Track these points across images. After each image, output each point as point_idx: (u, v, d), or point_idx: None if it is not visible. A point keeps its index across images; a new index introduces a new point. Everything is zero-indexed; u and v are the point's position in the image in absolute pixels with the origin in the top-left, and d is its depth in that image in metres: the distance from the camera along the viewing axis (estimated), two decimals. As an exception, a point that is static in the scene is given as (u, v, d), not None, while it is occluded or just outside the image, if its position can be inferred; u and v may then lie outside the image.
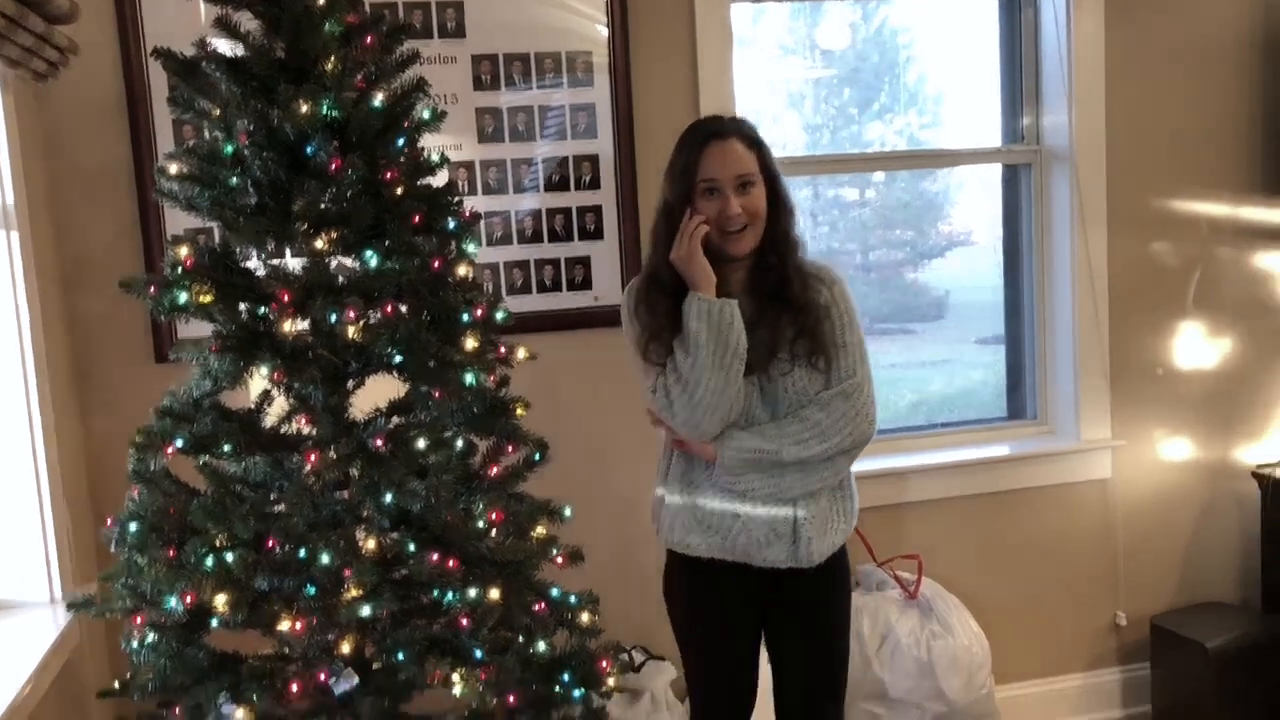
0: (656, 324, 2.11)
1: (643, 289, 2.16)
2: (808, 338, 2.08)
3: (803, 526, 2.10)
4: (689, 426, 2.08)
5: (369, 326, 1.92)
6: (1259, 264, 3.36)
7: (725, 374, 2.03)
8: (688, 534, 2.16)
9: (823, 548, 2.13)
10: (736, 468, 2.08)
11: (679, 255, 2.07)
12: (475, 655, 1.98)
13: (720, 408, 2.05)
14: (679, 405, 2.06)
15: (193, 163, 1.97)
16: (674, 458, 2.20)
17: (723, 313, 2.03)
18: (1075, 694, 3.38)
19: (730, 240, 2.07)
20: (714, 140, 2.07)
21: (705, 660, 2.28)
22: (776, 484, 2.08)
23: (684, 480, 2.18)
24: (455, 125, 2.75)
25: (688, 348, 2.04)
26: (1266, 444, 3.41)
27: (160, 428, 1.94)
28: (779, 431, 2.07)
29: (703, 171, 2.05)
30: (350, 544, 1.92)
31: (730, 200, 2.05)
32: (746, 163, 2.07)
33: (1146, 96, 3.23)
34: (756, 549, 2.12)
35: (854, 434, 2.09)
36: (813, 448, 2.06)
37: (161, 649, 1.92)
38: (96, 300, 2.63)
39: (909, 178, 3.49)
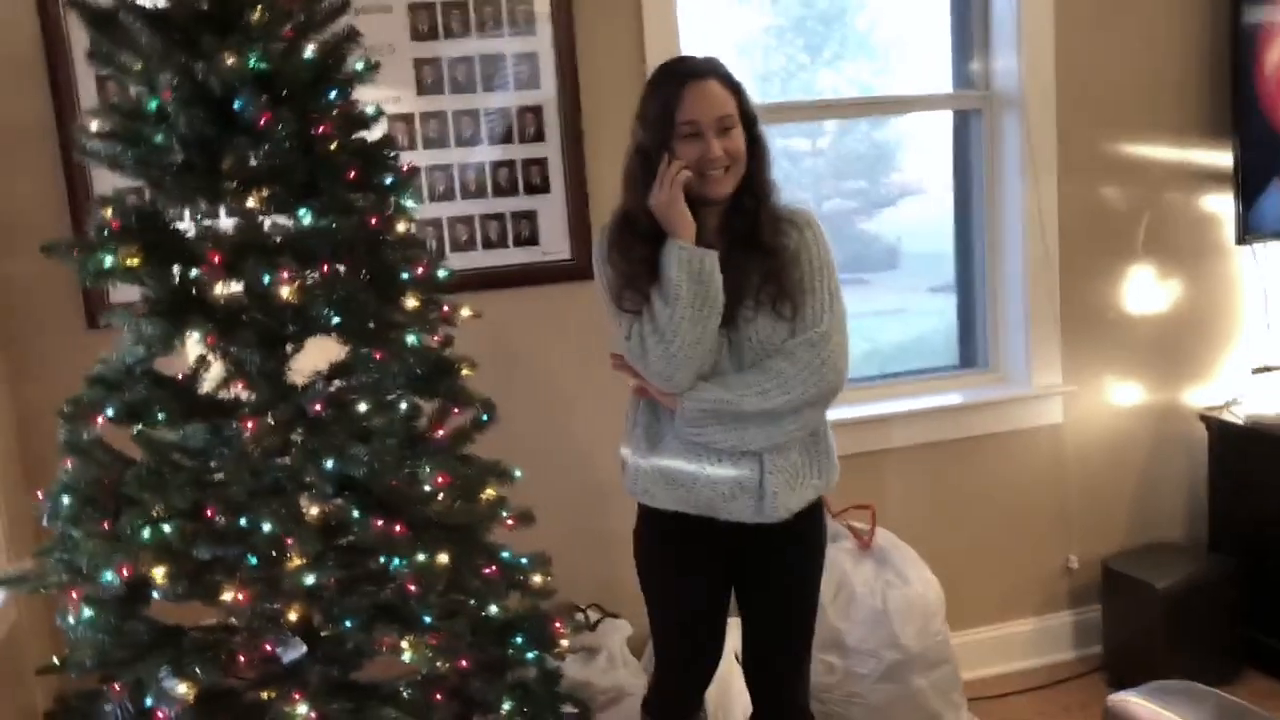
0: (632, 270, 2.04)
1: (616, 233, 2.09)
2: (773, 284, 2.02)
3: (768, 481, 2.04)
4: (662, 377, 2.02)
5: (305, 287, 1.86)
6: (1207, 207, 3.37)
7: (703, 326, 1.98)
8: (652, 485, 2.12)
9: (790, 502, 2.07)
10: (697, 419, 2.03)
11: (659, 201, 2.00)
12: (424, 621, 1.95)
13: (695, 360, 2.00)
14: (654, 356, 2.01)
15: (115, 120, 1.89)
16: (640, 411, 2.15)
17: (704, 263, 1.98)
18: (1028, 638, 3.43)
19: (709, 183, 2.01)
20: (693, 81, 1.99)
21: (669, 613, 2.26)
22: (739, 436, 2.02)
23: (649, 436, 2.13)
24: (393, 77, 2.67)
25: (667, 298, 1.98)
26: (1213, 387, 3.45)
27: (89, 396, 1.87)
28: (741, 382, 2.02)
29: (682, 114, 1.98)
30: (292, 512, 1.88)
31: (712, 143, 1.98)
32: (726, 104, 2.00)
33: (1096, 40, 3.20)
34: (721, 502, 2.07)
35: (820, 385, 2.02)
36: (774, 399, 2.00)
37: (100, 624, 1.87)
38: (23, 264, 2.54)
39: (861, 127, 3.45)
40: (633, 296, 2.04)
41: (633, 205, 2.06)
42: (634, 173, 2.06)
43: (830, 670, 2.90)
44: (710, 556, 2.18)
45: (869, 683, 2.87)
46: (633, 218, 2.06)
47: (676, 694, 2.34)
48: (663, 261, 2.00)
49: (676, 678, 2.33)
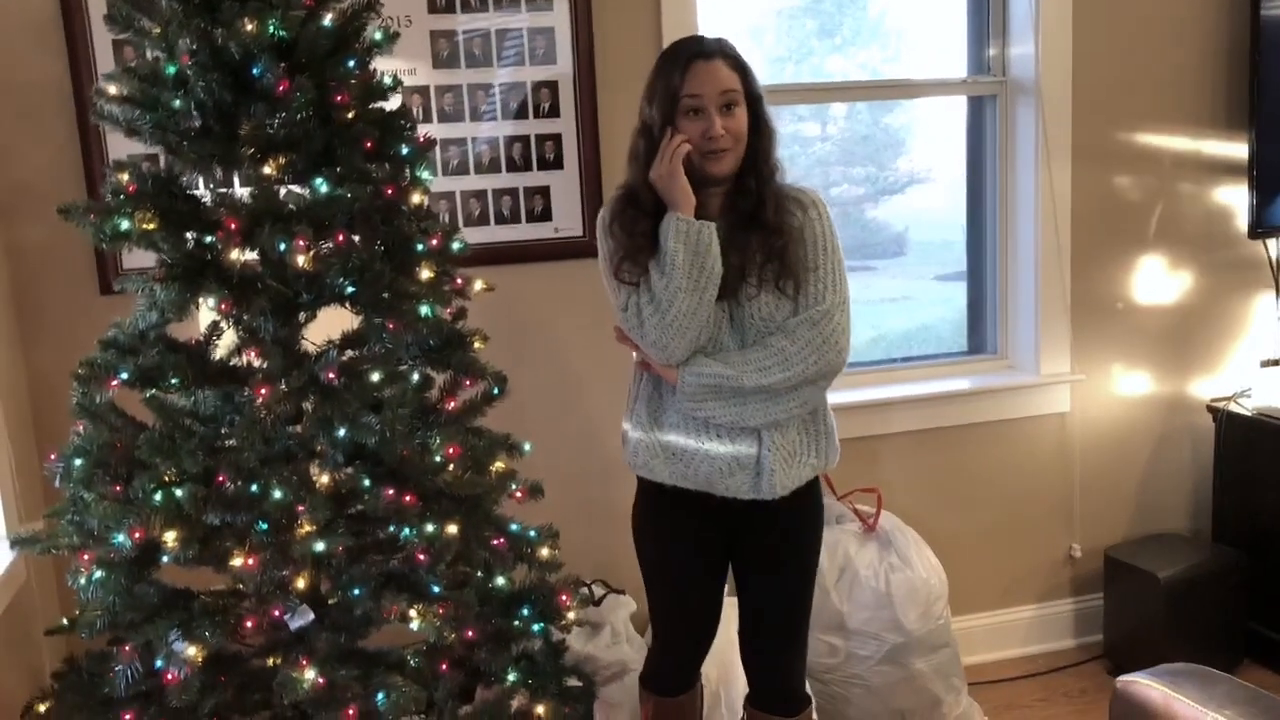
0: (633, 243, 2.06)
1: (619, 207, 2.11)
2: (776, 261, 2.03)
3: (766, 458, 2.06)
4: (658, 348, 2.04)
5: (320, 256, 1.86)
6: (1219, 199, 3.36)
7: (699, 296, 2.00)
8: (651, 459, 2.14)
9: (787, 480, 2.09)
10: (697, 394, 2.04)
11: (659, 174, 2.02)
12: (433, 590, 1.96)
13: (691, 330, 2.01)
14: (650, 325, 2.02)
15: (133, 84, 1.88)
16: (641, 384, 2.17)
17: (700, 234, 1.99)
18: (1029, 625, 3.44)
19: (711, 161, 2.03)
20: (699, 60, 2.01)
21: (667, 587, 2.28)
22: (739, 412, 2.04)
23: (650, 411, 2.15)
24: (409, 49, 2.67)
25: (663, 268, 2.00)
26: (1222, 378, 3.45)
27: (104, 360, 1.88)
28: (742, 358, 2.03)
29: (686, 90, 2.00)
30: (303, 479, 1.89)
31: (714, 120, 2.00)
32: (730, 82, 2.02)
33: (1114, 28, 3.19)
34: (719, 478, 2.09)
35: (820, 363, 2.03)
36: (774, 375, 2.01)
37: (110, 586, 1.88)
38: (37, 228, 2.54)
39: (870, 112, 3.44)
40: (631, 269, 2.06)
41: (636, 180, 2.08)
42: (638, 149, 2.08)
43: (832, 652, 2.91)
44: (707, 531, 2.20)
45: (870, 665, 2.88)
46: (635, 193, 2.08)
47: (673, 667, 2.36)
48: (661, 233, 2.02)
49: (673, 651, 2.35)
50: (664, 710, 2.36)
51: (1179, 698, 1.49)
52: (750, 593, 2.26)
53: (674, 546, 2.23)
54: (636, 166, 2.08)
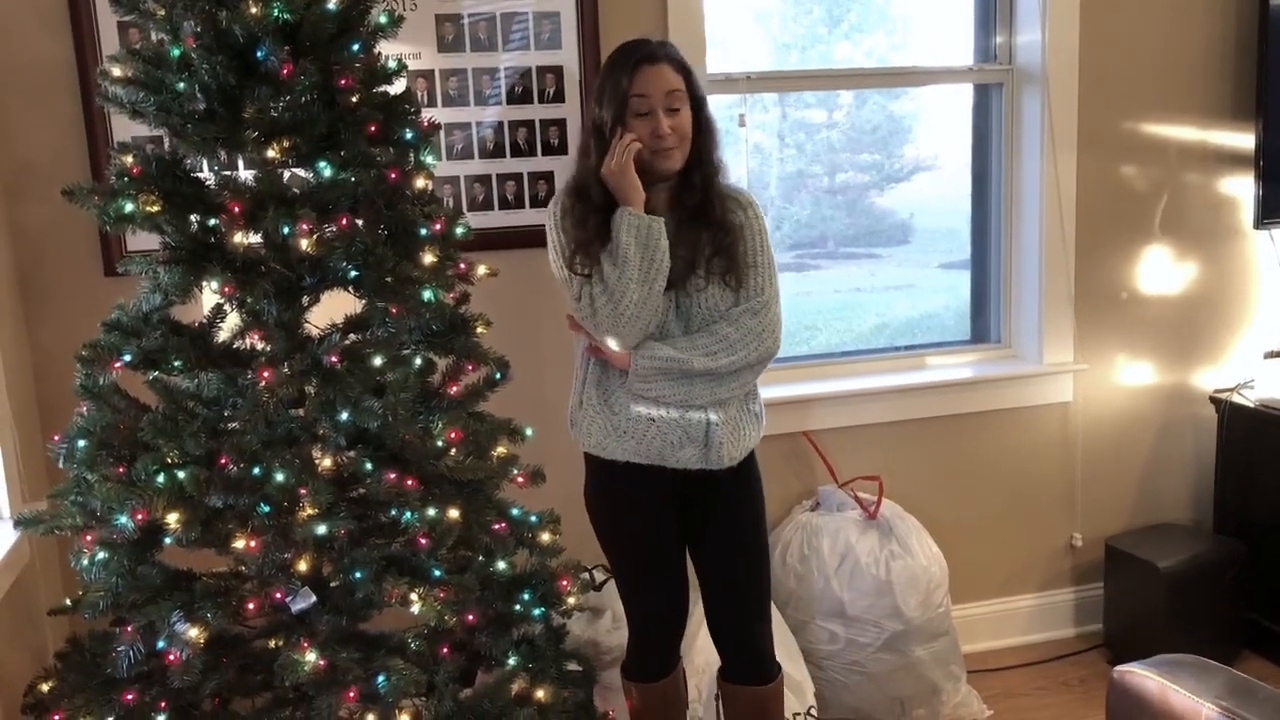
0: (585, 236, 2.16)
1: (569, 202, 2.20)
2: (723, 256, 2.17)
3: (715, 431, 2.18)
4: (613, 335, 2.15)
5: (323, 240, 1.86)
6: (1225, 189, 3.35)
7: (649, 287, 2.11)
8: (604, 438, 2.23)
9: (734, 451, 2.21)
10: (648, 375, 2.15)
11: (610, 170, 2.12)
12: (434, 574, 1.96)
13: (642, 319, 2.12)
14: (603, 315, 2.12)
15: (137, 66, 1.88)
16: (590, 366, 2.26)
17: (651, 229, 2.11)
18: (1029, 614, 3.44)
19: (660, 158, 2.14)
20: (645, 64, 2.13)
21: (633, 562, 2.35)
22: (686, 392, 2.16)
23: (599, 388, 2.24)
24: (414, 33, 2.66)
25: (616, 260, 2.11)
26: (1225, 369, 3.44)
27: (107, 342, 1.88)
28: (690, 343, 2.16)
29: (634, 91, 2.12)
30: (306, 462, 1.89)
31: (661, 120, 2.11)
32: (675, 84, 2.15)
33: (1121, 17, 3.18)
34: (670, 450, 2.19)
35: (759, 349, 2.17)
36: (720, 359, 2.14)
37: (113, 567, 1.89)
38: (41, 209, 2.54)
39: (876, 100, 3.43)
40: (584, 260, 2.16)
41: (586, 176, 2.18)
42: (588, 146, 2.19)
43: (832, 639, 2.92)
44: (661, 502, 2.28)
45: (870, 652, 2.89)
46: (584, 187, 2.18)
47: (651, 650, 2.40)
48: (613, 227, 2.12)
49: (649, 633, 2.40)
50: (647, 696, 2.40)
51: (1175, 688, 1.50)
52: (705, 563, 2.34)
53: (631, 520, 2.31)
54: (586, 163, 2.18)
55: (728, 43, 3.19)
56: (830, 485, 3.12)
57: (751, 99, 3.16)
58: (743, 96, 3.10)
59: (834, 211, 3.43)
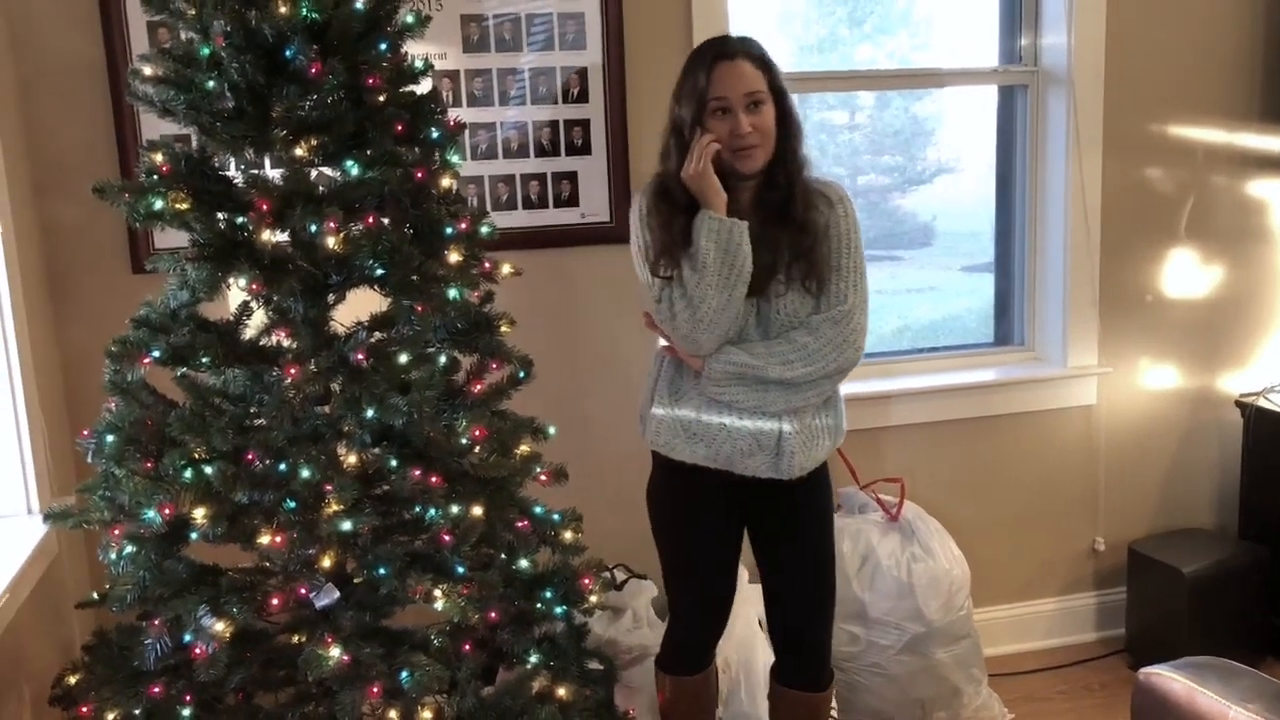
0: (669, 239, 2.12)
1: (654, 201, 2.17)
2: (803, 261, 2.10)
3: (787, 440, 2.14)
4: (689, 341, 2.11)
5: (350, 238, 1.87)
6: (1253, 192, 3.32)
7: (729, 293, 2.07)
8: (673, 438, 2.20)
9: (805, 461, 2.17)
10: (722, 379, 2.11)
11: (691, 173, 2.08)
12: (457, 571, 1.97)
13: (720, 325, 2.08)
14: (682, 319, 2.09)
15: (167, 65, 1.89)
16: (664, 366, 2.23)
17: (732, 233, 2.06)
18: (1051, 618, 3.43)
19: (740, 158, 2.09)
20: (722, 60, 2.08)
21: (686, 564, 2.33)
22: (761, 398, 2.11)
23: (671, 388, 2.22)
24: (439, 33, 2.67)
25: (696, 265, 2.07)
26: (1251, 372, 3.42)
27: (136, 338, 1.90)
28: (767, 350, 2.11)
29: (713, 91, 2.07)
30: (331, 459, 1.90)
31: (741, 119, 2.06)
32: (755, 81, 2.08)
33: (1148, 18, 3.16)
34: (740, 457, 2.16)
35: (839, 360, 2.12)
36: (797, 369, 2.09)
37: (140, 561, 1.90)
38: (71, 207, 2.57)
39: (899, 102, 3.42)
40: (667, 263, 2.13)
41: (667, 177, 2.15)
42: (669, 147, 2.16)
43: (853, 640, 2.91)
44: (724, 508, 2.26)
45: (891, 654, 2.89)
46: (667, 189, 2.15)
47: (689, 645, 2.40)
48: (694, 230, 2.08)
49: (691, 629, 2.39)
50: (680, 689, 2.39)
51: (1202, 690, 1.49)
52: (772, 567, 2.32)
53: (692, 523, 2.29)
54: (667, 165, 2.15)
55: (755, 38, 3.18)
56: (852, 487, 3.12)
57: (775, 100, 3.16)
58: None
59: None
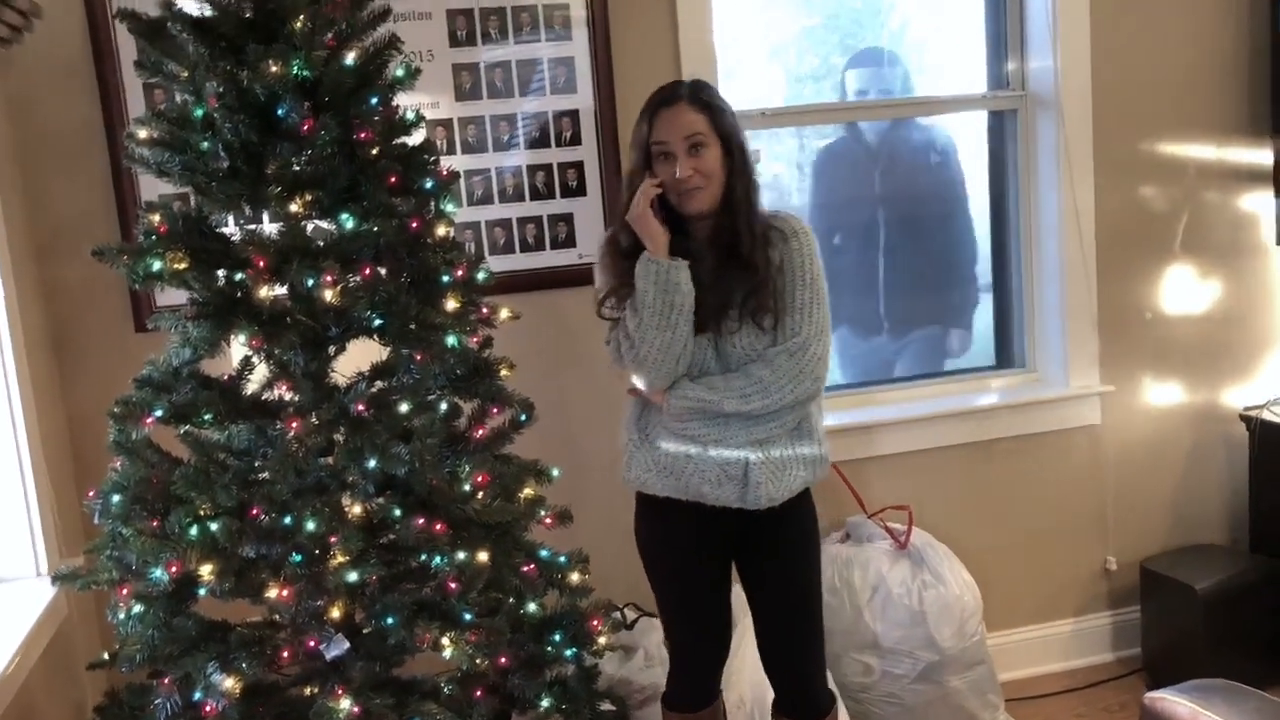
0: (616, 281, 2.19)
1: (606, 248, 2.24)
2: (754, 298, 2.14)
3: (753, 471, 2.15)
4: (640, 379, 2.18)
5: (347, 290, 1.90)
6: (1245, 206, 3.34)
7: (670, 333, 2.11)
8: (645, 473, 2.24)
9: (774, 492, 2.17)
10: (681, 414, 2.16)
11: (632, 216, 2.14)
12: (464, 618, 1.97)
13: (665, 364, 2.13)
14: (628, 360, 2.16)
15: (162, 127, 1.93)
16: (633, 403, 2.28)
17: (669, 273, 2.10)
18: (1066, 640, 3.41)
19: (684, 199, 2.15)
20: (663, 107, 2.14)
21: (674, 594, 2.35)
22: (722, 431, 2.16)
23: (640, 424, 2.27)
24: (432, 83, 2.71)
25: (635, 307, 2.13)
26: (1254, 386, 3.41)
27: (139, 398, 1.92)
28: (724, 384, 2.15)
29: (654, 136, 2.14)
30: (336, 510, 1.91)
31: (682, 162, 2.11)
32: (695, 124, 2.12)
33: (1132, 39, 3.18)
34: (709, 488, 2.19)
35: (796, 392, 2.13)
36: (753, 402, 2.12)
37: (149, 620, 1.91)
38: (73, 269, 2.59)
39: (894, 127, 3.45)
40: (614, 305, 2.20)
41: (617, 223, 2.21)
42: (622, 194, 2.23)
43: (867, 671, 2.90)
44: (706, 539, 2.28)
45: (905, 683, 2.87)
46: (617, 234, 2.22)
47: (690, 680, 2.40)
48: (635, 273, 2.13)
49: (690, 664, 2.39)
50: None
51: (1207, 713, 1.49)
52: (755, 597, 2.34)
53: (675, 557, 2.31)
54: (618, 209, 2.21)
55: (744, 76, 3.22)
56: (859, 516, 3.11)
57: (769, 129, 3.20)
58: (758, 132, 3.13)
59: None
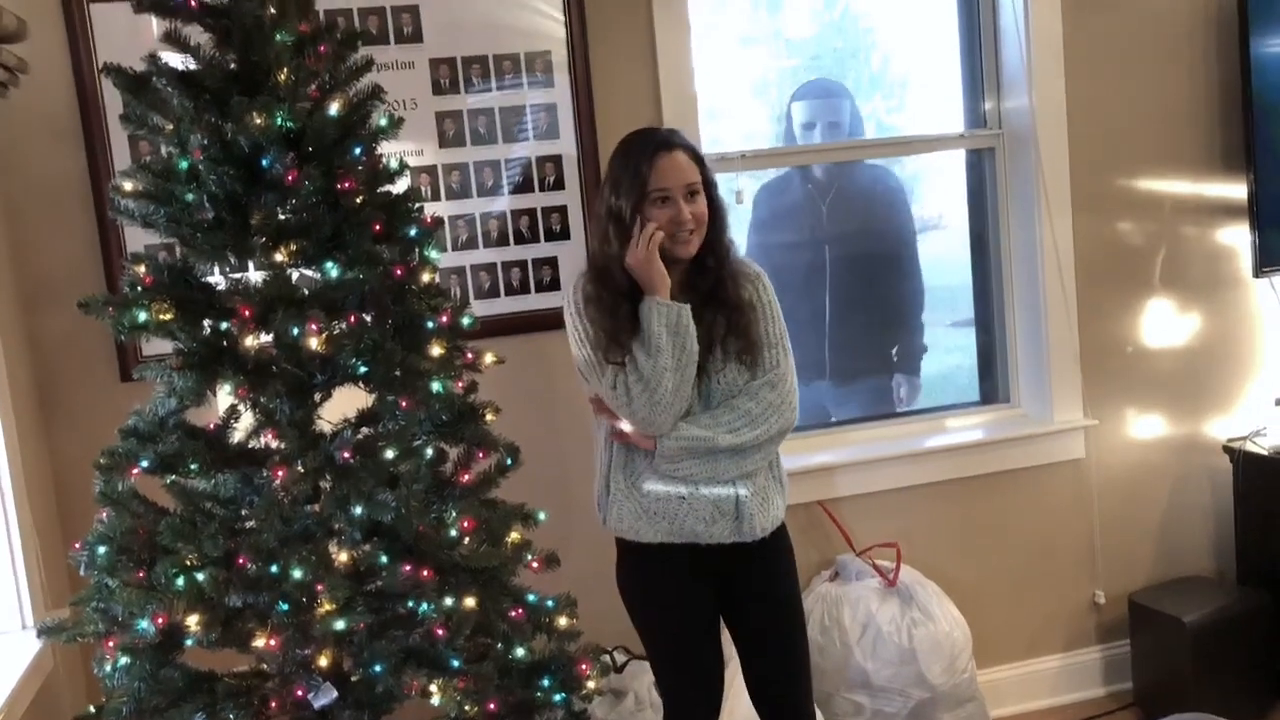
0: (615, 325, 2.18)
1: (593, 291, 2.22)
2: (739, 336, 2.21)
3: (745, 504, 2.21)
4: (646, 423, 2.17)
5: (332, 338, 1.91)
6: (1222, 240, 3.38)
7: (682, 374, 2.15)
8: (636, 521, 2.24)
9: (764, 522, 2.24)
10: (675, 455, 2.18)
11: (636, 260, 2.16)
12: (452, 664, 1.97)
13: (677, 405, 2.16)
14: (639, 403, 2.14)
15: (147, 179, 1.94)
16: (614, 450, 2.27)
17: (680, 316, 2.15)
18: (1056, 675, 3.41)
19: (679, 244, 2.19)
20: (663, 152, 2.17)
21: (668, 641, 2.34)
22: (713, 468, 2.19)
23: (625, 471, 2.26)
24: (416, 130, 2.74)
25: (649, 350, 2.13)
26: (1236, 417, 3.44)
27: (125, 448, 1.92)
28: (713, 420, 2.18)
29: (655, 182, 2.16)
30: (322, 558, 1.91)
31: (682, 208, 2.16)
32: (692, 173, 2.19)
33: (1105, 77, 3.24)
34: (703, 528, 2.21)
35: (780, 422, 2.21)
36: (744, 435, 2.17)
37: (135, 671, 1.91)
38: (59, 320, 2.60)
39: (879, 163, 3.49)
40: (615, 350, 2.19)
41: (608, 263, 2.20)
42: (607, 233, 2.21)
43: (858, 710, 2.90)
44: (694, 580, 2.29)
45: (897, 721, 2.87)
46: (608, 275, 2.21)
47: None
48: (643, 316, 2.16)
49: (684, 708, 2.38)
50: None
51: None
52: (744, 631, 2.35)
53: (666, 602, 2.32)
54: (607, 251, 2.20)
55: (725, 115, 3.26)
56: (848, 554, 3.12)
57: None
58: (739, 173, 3.17)
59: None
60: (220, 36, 1.96)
